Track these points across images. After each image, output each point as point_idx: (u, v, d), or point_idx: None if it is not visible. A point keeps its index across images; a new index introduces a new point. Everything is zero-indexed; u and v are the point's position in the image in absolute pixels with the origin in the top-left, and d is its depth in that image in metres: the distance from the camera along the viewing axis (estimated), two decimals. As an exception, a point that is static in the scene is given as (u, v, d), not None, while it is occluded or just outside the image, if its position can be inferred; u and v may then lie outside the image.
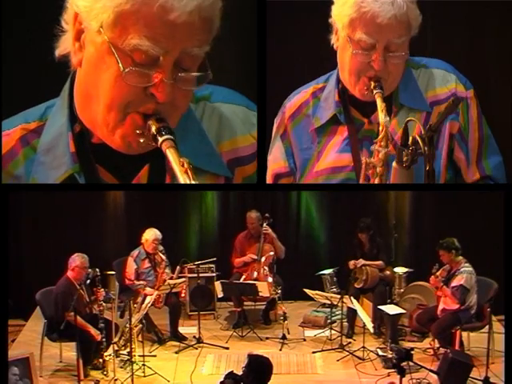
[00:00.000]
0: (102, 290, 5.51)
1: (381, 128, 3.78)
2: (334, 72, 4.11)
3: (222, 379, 3.91)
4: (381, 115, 3.77)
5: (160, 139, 3.00)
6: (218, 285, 6.45)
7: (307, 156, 4.13)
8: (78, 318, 5.28)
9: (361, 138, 4.07)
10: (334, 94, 4.09)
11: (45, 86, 3.49)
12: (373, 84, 3.84)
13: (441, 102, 4.03)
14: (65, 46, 3.14)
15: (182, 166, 2.93)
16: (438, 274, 5.64)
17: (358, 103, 4.04)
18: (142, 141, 3.07)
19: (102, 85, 3.01)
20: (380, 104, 3.78)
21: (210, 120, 3.40)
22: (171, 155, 2.97)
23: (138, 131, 3.06)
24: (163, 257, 6.29)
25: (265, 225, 6.64)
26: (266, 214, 6.66)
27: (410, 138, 3.42)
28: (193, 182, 2.94)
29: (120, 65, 2.92)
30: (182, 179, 2.93)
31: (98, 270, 5.45)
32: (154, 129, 3.02)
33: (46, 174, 3.30)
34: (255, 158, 3.47)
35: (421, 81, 4.08)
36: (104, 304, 5.53)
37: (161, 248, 6.36)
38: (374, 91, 3.82)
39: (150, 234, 6.29)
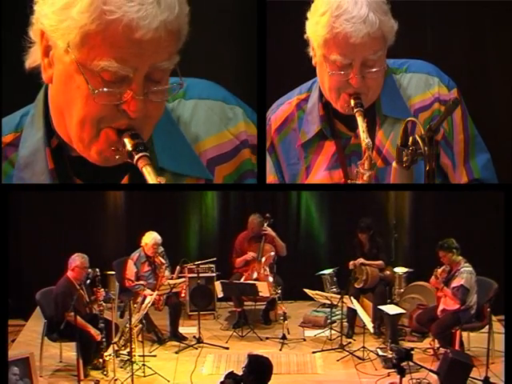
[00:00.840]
0: (102, 290, 5.51)
1: (363, 149, 3.72)
2: (317, 80, 4.03)
3: (222, 379, 3.91)
4: (362, 136, 3.70)
5: (136, 156, 2.95)
6: (217, 285, 6.45)
7: (295, 171, 4.07)
8: (78, 318, 5.28)
9: (348, 153, 4.00)
10: (318, 107, 4.01)
11: (20, 93, 3.34)
12: (353, 102, 3.76)
13: (425, 108, 3.95)
14: (34, 57, 3.07)
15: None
16: (437, 274, 5.65)
17: (342, 117, 3.97)
18: (117, 157, 3.03)
19: (73, 102, 2.96)
20: (361, 124, 3.71)
21: (187, 120, 3.34)
22: (148, 174, 2.93)
23: (112, 147, 3.01)
24: (163, 260, 6.28)
25: (265, 225, 6.65)
26: (267, 215, 6.67)
27: (410, 138, 3.41)
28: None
29: (90, 86, 2.87)
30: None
31: (97, 270, 5.45)
32: (128, 146, 2.97)
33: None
34: (235, 155, 3.38)
35: (403, 88, 4.00)
36: (104, 304, 5.53)
37: (161, 250, 6.35)
38: (355, 109, 3.75)
39: (150, 238, 6.27)
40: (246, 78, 4.10)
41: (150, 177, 2.92)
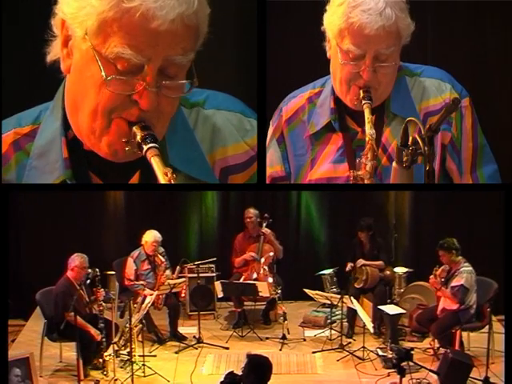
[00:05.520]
0: (102, 290, 5.51)
1: (367, 140, 3.77)
2: (331, 76, 4.08)
3: (222, 379, 3.91)
4: (367, 127, 3.76)
5: (145, 147, 3.01)
6: (218, 285, 6.45)
7: (301, 162, 4.12)
8: (78, 318, 5.27)
9: (354, 147, 4.04)
10: (330, 100, 4.07)
11: (40, 89, 3.45)
12: (362, 94, 3.83)
13: (435, 112, 3.98)
14: (55, 51, 3.14)
15: (166, 175, 2.95)
16: (437, 274, 5.65)
17: (352, 112, 4.02)
18: (127, 149, 3.07)
19: (87, 92, 3.02)
20: (368, 116, 3.78)
21: (204, 128, 3.39)
22: (156, 164, 2.98)
23: (123, 139, 3.06)
24: (162, 259, 6.27)
25: (264, 226, 6.63)
26: (266, 215, 6.66)
27: (410, 138, 3.42)
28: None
29: (102, 72, 2.92)
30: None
31: (97, 269, 5.46)
32: (138, 137, 3.02)
33: (38, 179, 3.29)
34: (249, 166, 3.46)
35: (415, 91, 4.05)
36: (104, 304, 5.53)
37: (161, 250, 6.35)
38: (363, 102, 3.81)
39: (150, 236, 6.28)
40: (245, 78, 4.11)
41: (158, 167, 2.97)
